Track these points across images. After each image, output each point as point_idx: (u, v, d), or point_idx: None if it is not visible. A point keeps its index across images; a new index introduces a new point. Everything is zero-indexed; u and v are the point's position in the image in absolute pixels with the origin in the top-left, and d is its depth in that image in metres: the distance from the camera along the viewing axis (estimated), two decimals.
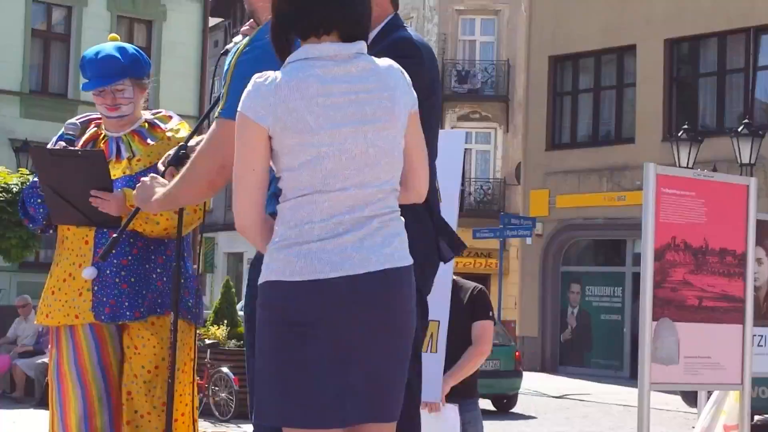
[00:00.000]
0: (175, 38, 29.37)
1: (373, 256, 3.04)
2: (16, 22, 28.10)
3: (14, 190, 20.87)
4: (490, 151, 35.46)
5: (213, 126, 3.50)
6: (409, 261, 3.13)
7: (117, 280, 4.58)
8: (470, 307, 5.61)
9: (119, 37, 5.05)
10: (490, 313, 5.71)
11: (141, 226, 4.50)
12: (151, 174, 3.83)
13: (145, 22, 30.22)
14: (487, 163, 35.45)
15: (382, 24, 3.96)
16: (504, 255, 26.14)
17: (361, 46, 3.13)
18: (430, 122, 3.77)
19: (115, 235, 4.27)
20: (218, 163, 3.37)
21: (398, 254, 3.09)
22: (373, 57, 3.15)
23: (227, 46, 4.01)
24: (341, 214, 3.04)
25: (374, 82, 3.09)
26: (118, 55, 4.72)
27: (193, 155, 3.59)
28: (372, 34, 3.84)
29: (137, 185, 3.82)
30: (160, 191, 3.67)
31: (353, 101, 3.06)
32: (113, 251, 4.32)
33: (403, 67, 3.28)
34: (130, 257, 4.60)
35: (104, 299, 4.58)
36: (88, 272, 4.56)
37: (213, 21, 30.55)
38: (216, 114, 3.53)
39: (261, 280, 3.09)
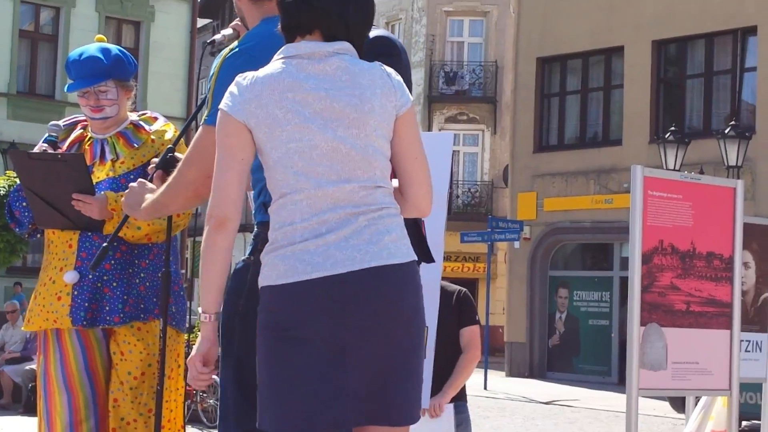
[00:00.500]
0: (163, 39, 29.33)
1: (359, 254, 3.00)
2: (3, 23, 28.03)
3: (1, 192, 20.82)
4: (477, 153, 35.48)
5: (198, 133, 3.48)
6: (403, 258, 3.07)
7: (99, 284, 4.55)
8: (456, 312, 5.60)
9: (106, 38, 5.03)
10: (476, 317, 5.72)
11: (122, 231, 4.47)
12: (140, 180, 3.81)
13: (133, 23, 30.16)
14: (475, 165, 35.47)
15: None
16: (492, 259, 26.12)
17: (342, 46, 3.12)
18: None
19: (104, 245, 4.25)
20: (204, 170, 3.34)
21: (387, 251, 3.04)
22: (354, 57, 3.14)
23: (214, 37, 4.02)
24: (322, 212, 3.02)
25: (346, 80, 3.08)
26: (101, 56, 4.71)
27: (179, 163, 3.57)
28: None
29: (126, 191, 3.80)
30: (148, 198, 3.65)
31: (322, 98, 3.05)
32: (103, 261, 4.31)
33: (388, 65, 3.28)
34: (112, 261, 4.57)
35: (85, 304, 4.55)
36: (70, 276, 4.54)
37: (201, 22, 30.52)
38: (201, 120, 3.51)
39: (259, 285, 3.08)
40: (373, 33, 3.89)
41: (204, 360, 3.11)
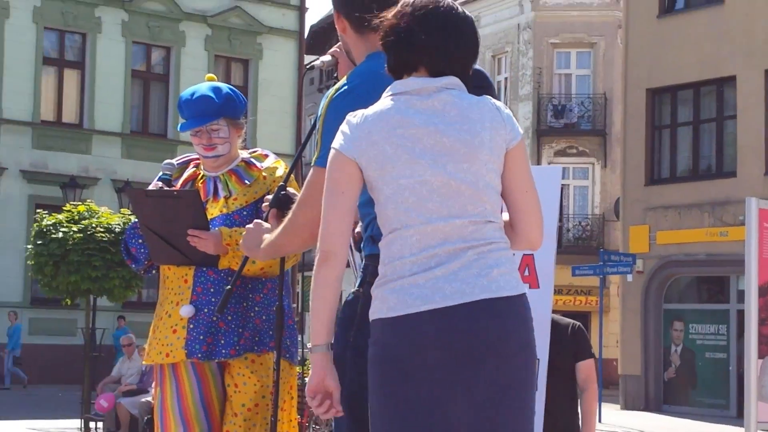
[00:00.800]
0: (271, 76, 29.72)
1: (468, 288, 3.00)
2: (116, 64, 28.69)
3: (116, 230, 21.19)
4: (588, 187, 35.14)
5: (309, 174, 3.50)
6: (512, 291, 3.06)
7: (214, 318, 4.59)
8: (572, 346, 5.54)
9: (216, 77, 5.08)
10: (591, 351, 5.66)
11: (237, 266, 4.50)
12: (256, 221, 3.82)
13: (242, 61, 30.63)
14: (585, 198, 35.12)
15: None
16: (604, 292, 25.80)
17: (449, 80, 3.13)
18: None
19: (228, 287, 4.27)
20: (318, 211, 3.32)
21: (496, 284, 3.03)
22: (462, 91, 3.14)
23: (314, 63, 4.14)
24: (432, 247, 3.03)
25: (455, 115, 3.09)
26: (212, 95, 4.75)
27: (294, 205, 3.57)
28: None
29: (243, 230, 3.81)
30: (266, 239, 3.65)
31: (432, 133, 3.06)
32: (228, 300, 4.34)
33: None
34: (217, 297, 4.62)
35: (200, 337, 4.59)
36: (186, 310, 4.60)
37: (308, 59, 30.85)
38: (312, 162, 3.52)
39: (370, 318, 3.12)
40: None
41: (314, 392, 3.12)
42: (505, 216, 3.21)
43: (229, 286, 4.29)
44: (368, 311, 3.13)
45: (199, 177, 4.82)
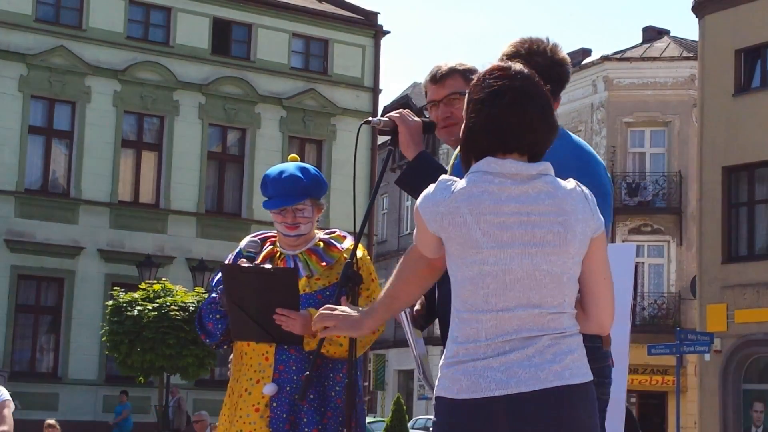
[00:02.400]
0: (344, 157, 29.93)
1: (542, 374, 2.99)
2: (193, 146, 29.15)
3: (191, 308, 21.38)
4: (663, 265, 34.73)
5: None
6: (583, 378, 3.04)
7: (296, 396, 4.57)
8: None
9: (299, 158, 5.10)
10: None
11: (325, 348, 4.50)
12: (325, 305, 3.76)
13: (316, 142, 30.96)
14: (661, 276, 34.70)
15: None
16: (681, 372, 25.39)
17: (544, 167, 3.11)
18: None
19: (308, 373, 4.23)
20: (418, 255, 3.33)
21: (569, 371, 3.02)
22: (555, 178, 3.11)
23: (371, 119, 4.24)
24: (508, 334, 3.02)
25: (549, 205, 3.06)
26: (300, 175, 4.77)
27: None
28: None
29: (335, 323, 3.74)
30: (364, 310, 3.57)
31: (524, 222, 3.04)
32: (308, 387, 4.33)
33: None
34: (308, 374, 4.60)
35: (283, 416, 4.57)
36: (269, 389, 4.59)
37: (381, 139, 31.09)
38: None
39: (434, 394, 3.11)
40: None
41: None
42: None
43: (308, 372, 4.25)
44: None
45: (278, 255, 4.83)
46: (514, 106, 3.09)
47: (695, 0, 28.07)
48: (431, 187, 3.11)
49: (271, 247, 4.88)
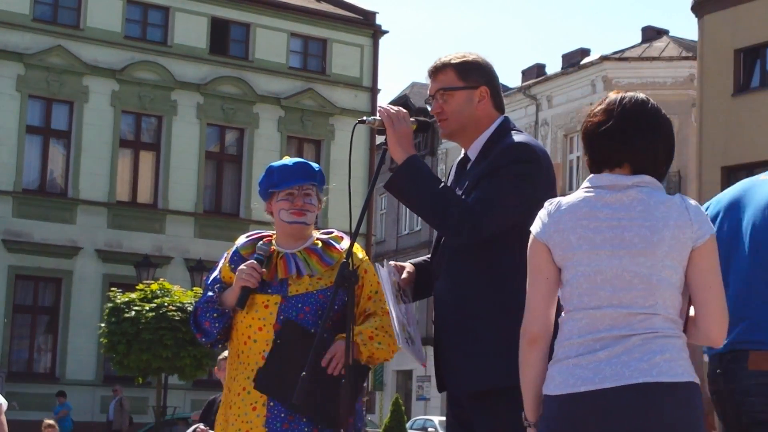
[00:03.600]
0: (342, 157, 29.98)
1: (627, 371, 3.13)
2: (191, 145, 29.15)
3: (189, 309, 21.32)
4: None
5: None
6: (675, 377, 3.13)
7: (293, 401, 4.53)
8: None
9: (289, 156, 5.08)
10: None
11: (368, 351, 4.47)
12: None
13: (314, 142, 30.97)
14: None
15: (493, 127, 4.12)
16: None
17: (642, 179, 3.30)
18: None
19: (303, 373, 4.16)
20: None
21: (657, 369, 3.13)
22: (652, 189, 3.30)
23: (365, 118, 4.25)
24: (599, 332, 3.21)
25: (640, 211, 3.26)
26: (308, 162, 4.78)
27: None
28: (482, 139, 4.08)
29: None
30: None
31: (614, 227, 3.25)
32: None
33: (521, 172, 3.79)
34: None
35: (281, 415, 4.53)
36: None
37: (379, 139, 31.08)
38: None
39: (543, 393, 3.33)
40: (518, 138, 4.01)
41: None
42: (692, 311, 3.32)
43: (303, 372, 4.20)
44: None
45: (277, 254, 4.78)
46: (615, 130, 3.34)
47: (694, 0, 28.06)
48: (540, 213, 3.38)
49: (269, 246, 4.83)
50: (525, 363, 3.34)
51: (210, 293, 4.72)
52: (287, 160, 4.82)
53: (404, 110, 4.19)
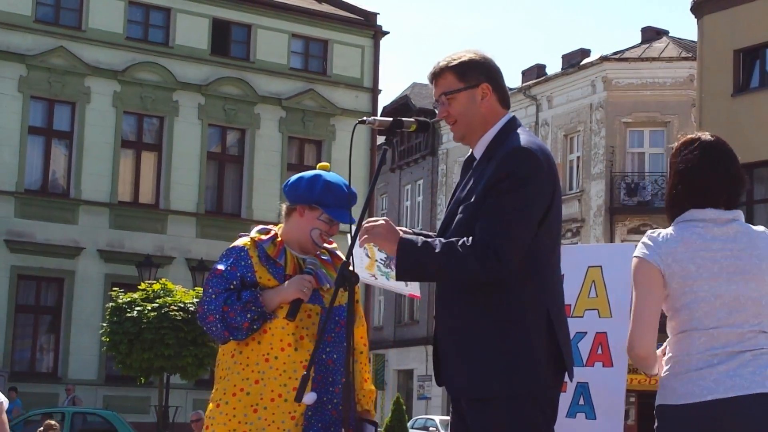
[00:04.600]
0: (343, 157, 29.95)
1: (745, 383, 3.62)
2: (193, 146, 29.18)
3: (190, 308, 21.38)
4: None
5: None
6: None
7: (329, 406, 4.61)
8: None
9: (329, 166, 5.06)
10: None
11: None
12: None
13: (315, 142, 31.01)
14: None
15: (498, 126, 4.09)
16: None
17: (737, 213, 3.84)
18: (551, 232, 3.97)
19: (305, 373, 4.16)
20: None
21: None
22: (745, 223, 3.84)
23: (366, 118, 4.25)
24: (714, 348, 3.69)
25: (746, 242, 3.79)
26: (355, 193, 4.78)
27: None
28: (487, 138, 4.06)
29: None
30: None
31: (728, 256, 3.76)
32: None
33: (524, 188, 3.82)
34: (340, 386, 4.61)
35: (318, 425, 4.59)
36: (309, 398, 4.54)
37: (380, 139, 31.08)
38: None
39: (656, 403, 3.78)
40: (520, 140, 3.98)
41: None
42: None
43: (305, 372, 4.20)
44: None
45: (292, 258, 4.77)
46: (709, 171, 3.84)
47: (694, 0, 28.11)
48: (644, 240, 3.84)
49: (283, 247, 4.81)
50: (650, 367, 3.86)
51: (247, 294, 4.62)
52: (341, 181, 4.80)
53: (371, 221, 4.14)
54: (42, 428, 18.76)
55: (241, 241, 4.79)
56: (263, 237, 4.79)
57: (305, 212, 4.73)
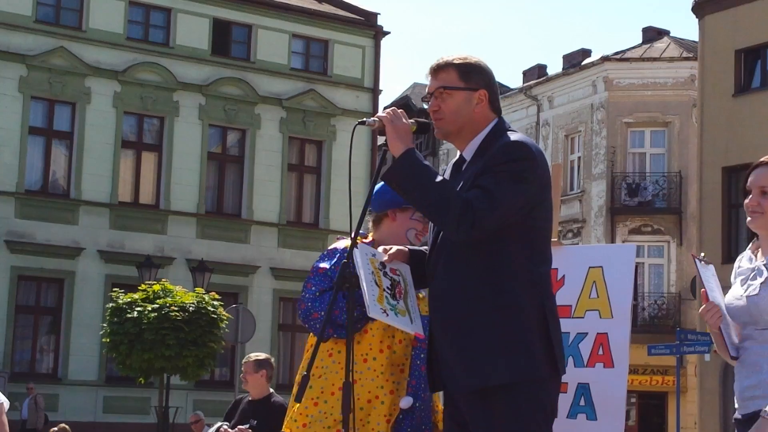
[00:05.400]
0: (344, 157, 30.04)
1: None
2: (193, 146, 29.18)
3: (190, 309, 21.37)
4: (663, 265, 34.74)
5: None
6: None
7: (420, 411, 4.67)
8: None
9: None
10: None
11: None
12: None
13: (316, 143, 31.00)
14: (661, 277, 34.71)
15: (488, 129, 4.12)
16: (681, 372, 25.37)
17: None
18: (547, 223, 4.04)
19: (304, 374, 4.12)
20: None
21: None
22: None
23: (365, 119, 4.26)
24: None
25: None
26: None
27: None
28: (477, 140, 4.09)
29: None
30: None
31: None
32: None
33: (518, 170, 3.84)
34: (428, 393, 4.65)
35: (408, 429, 4.62)
36: (406, 402, 4.58)
37: (381, 140, 31.11)
38: None
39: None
40: (513, 137, 4.03)
41: None
42: None
43: (305, 373, 4.17)
44: None
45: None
46: None
47: (695, 0, 28.09)
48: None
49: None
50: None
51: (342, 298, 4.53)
52: None
53: (402, 110, 4.22)
54: (56, 428, 18.76)
55: (343, 243, 4.82)
56: (365, 240, 4.77)
57: (397, 215, 4.80)
